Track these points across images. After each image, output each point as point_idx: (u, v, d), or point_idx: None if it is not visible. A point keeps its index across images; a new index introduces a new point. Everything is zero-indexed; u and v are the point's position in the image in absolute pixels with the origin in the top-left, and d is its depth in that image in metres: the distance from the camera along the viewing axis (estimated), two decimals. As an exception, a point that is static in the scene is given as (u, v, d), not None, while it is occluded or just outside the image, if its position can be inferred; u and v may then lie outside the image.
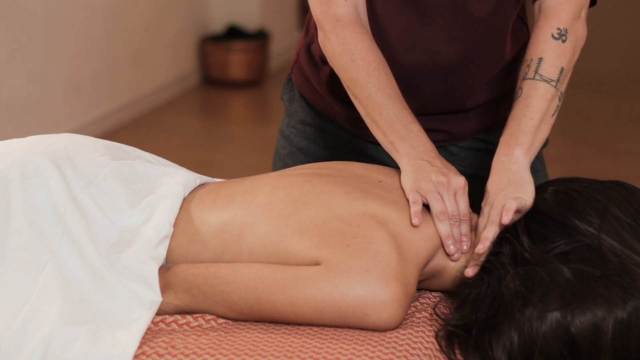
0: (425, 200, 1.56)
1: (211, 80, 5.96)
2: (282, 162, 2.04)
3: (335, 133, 1.98)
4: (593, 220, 1.49)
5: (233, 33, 5.95)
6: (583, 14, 1.72)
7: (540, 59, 1.66)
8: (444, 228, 1.55)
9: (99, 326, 1.42)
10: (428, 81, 1.83)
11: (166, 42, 5.57)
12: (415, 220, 1.53)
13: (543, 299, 1.41)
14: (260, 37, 5.99)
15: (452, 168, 1.61)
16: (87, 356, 1.37)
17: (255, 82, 5.96)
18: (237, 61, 5.86)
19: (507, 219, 1.52)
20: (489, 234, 1.53)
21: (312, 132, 2.00)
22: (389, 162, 1.91)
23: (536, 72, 1.66)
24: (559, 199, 1.53)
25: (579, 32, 1.70)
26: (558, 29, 1.68)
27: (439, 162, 1.61)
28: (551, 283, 1.42)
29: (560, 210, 1.51)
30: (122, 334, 1.40)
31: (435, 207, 1.55)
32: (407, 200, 1.57)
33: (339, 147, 1.98)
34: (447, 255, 1.55)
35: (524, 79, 1.67)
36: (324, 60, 1.92)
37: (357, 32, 1.70)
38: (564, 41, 1.68)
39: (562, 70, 1.66)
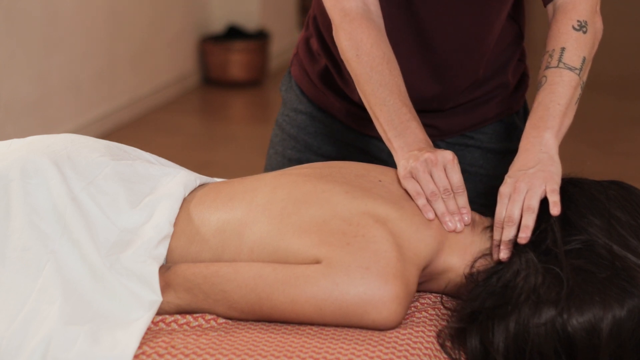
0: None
1: (211, 80, 5.96)
2: (274, 149, 2.05)
3: (326, 122, 1.99)
4: (595, 221, 1.49)
5: (233, 33, 5.95)
6: (598, 8, 1.74)
7: (563, 49, 1.67)
8: (438, 207, 1.55)
9: (99, 326, 1.42)
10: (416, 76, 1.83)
11: (166, 42, 5.57)
12: (429, 215, 1.54)
13: (542, 296, 1.41)
14: (260, 37, 5.99)
15: (438, 149, 1.61)
16: (87, 356, 1.37)
17: (255, 82, 5.96)
18: (237, 61, 5.86)
19: (557, 210, 1.50)
20: (529, 222, 1.51)
21: (304, 119, 2.01)
22: (379, 156, 1.93)
23: (560, 60, 1.66)
24: (561, 200, 1.53)
25: (597, 26, 1.72)
26: (578, 21, 1.69)
27: (429, 147, 1.61)
28: (552, 281, 1.42)
29: (565, 209, 1.52)
30: (122, 334, 1.40)
31: (426, 188, 1.55)
32: (407, 196, 1.57)
33: (328, 135, 1.99)
34: (449, 231, 1.54)
35: (547, 67, 1.67)
36: (319, 54, 1.94)
37: (363, 26, 1.69)
38: (584, 32, 1.69)
39: (584, 59, 1.67)
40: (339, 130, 1.98)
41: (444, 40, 1.81)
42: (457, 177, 1.57)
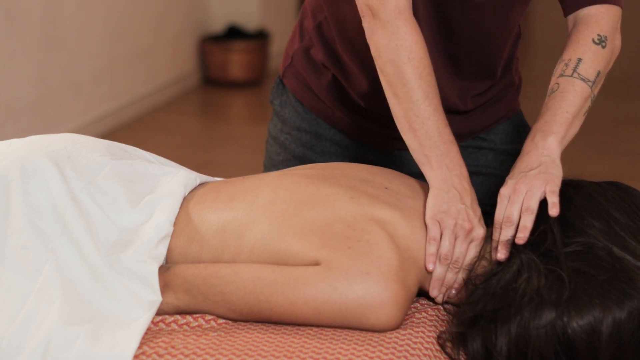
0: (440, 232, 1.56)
1: (211, 80, 5.96)
2: (276, 168, 2.01)
3: (334, 139, 1.96)
4: (594, 222, 1.49)
5: (233, 33, 5.95)
6: (619, 26, 1.75)
7: (580, 60, 1.67)
8: (439, 270, 1.54)
9: (99, 326, 1.42)
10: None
11: (166, 42, 5.56)
12: (429, 267, 1.53)
13: (545, 297, 1.41)
14: (260, 37, 5.99)
15: (479, 212, 1.58)
16: (87, 356, 1.37)
17: (255, 82, 5.96)
18: (237, 61, 5.86)
19: (555, 211, 1.50)
20: (527, 222, 1.51)
21: (309, 139, 1.97)
22: (390, 168, 1.91)
23: (574, 70, 1.66)
24: (560, 202, 1.53)
25: (616, 43, 1.73)
26: (599, 35, 1.70)
27: (469, 198, 1.57)
28: (554, 283, 1.42)
29: (564, 211, 1.51)
30: (122, 334, 1.40)
31: (444, 247, 1.54)
32: (416, 209, 1.57)
33: (336, 153, 1.96)
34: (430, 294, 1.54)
35: (562, 75, 1.67)
36: (325, 66, 1.90)
37: (415, 29, 1.61)
38: (603, 47, 1.69)
39: (599, 73, 1.67)
40: (347, 147, 1.95)
41: (467, 37, 1.79)
42: (472, 256, 1.56)
